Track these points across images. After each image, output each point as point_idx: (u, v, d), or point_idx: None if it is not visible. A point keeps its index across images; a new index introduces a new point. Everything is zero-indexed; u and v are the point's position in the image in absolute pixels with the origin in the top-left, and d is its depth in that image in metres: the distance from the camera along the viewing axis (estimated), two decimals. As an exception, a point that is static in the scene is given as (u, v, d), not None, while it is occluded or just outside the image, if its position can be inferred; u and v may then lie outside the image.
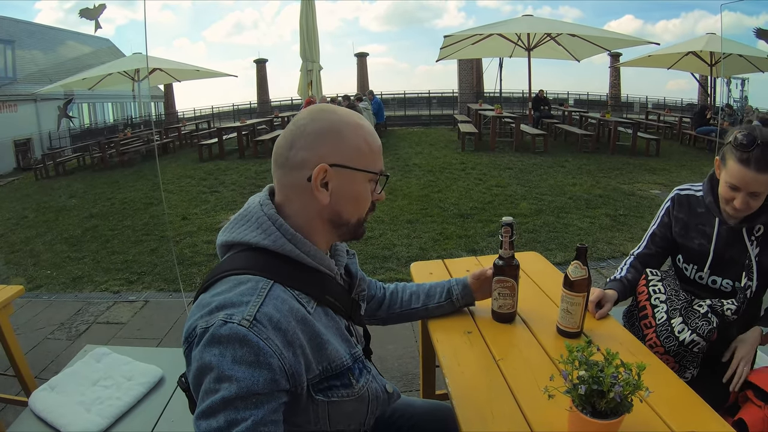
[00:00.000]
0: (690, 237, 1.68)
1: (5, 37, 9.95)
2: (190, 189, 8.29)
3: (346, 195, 1.00)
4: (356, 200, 1.02)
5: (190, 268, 4.75)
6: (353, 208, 1.02)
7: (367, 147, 1.01)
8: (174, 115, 16.20)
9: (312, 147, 0.97)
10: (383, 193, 1.08)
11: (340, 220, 1.01)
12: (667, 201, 1.77)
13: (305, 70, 11.27)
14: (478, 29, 12.53)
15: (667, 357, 1.53)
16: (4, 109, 9.67)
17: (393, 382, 2.59)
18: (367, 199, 1.04)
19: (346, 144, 0.99)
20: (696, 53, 11.50)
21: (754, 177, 1.42)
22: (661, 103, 17.46)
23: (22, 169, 10.16)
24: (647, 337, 1.59)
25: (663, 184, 7.53)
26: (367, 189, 1.03)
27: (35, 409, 1.72)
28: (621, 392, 0.95)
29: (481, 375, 1.28)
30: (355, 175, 1.00)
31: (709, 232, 1.62)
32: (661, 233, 1.78)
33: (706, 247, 1.63)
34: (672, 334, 1.53)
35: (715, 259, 1.61)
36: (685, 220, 1.69)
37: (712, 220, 1.62)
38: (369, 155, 1.02)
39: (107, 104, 12.81)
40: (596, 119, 12.24)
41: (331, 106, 1.04)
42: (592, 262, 4.41)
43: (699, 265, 1.66)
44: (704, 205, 1.64)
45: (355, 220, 1.04)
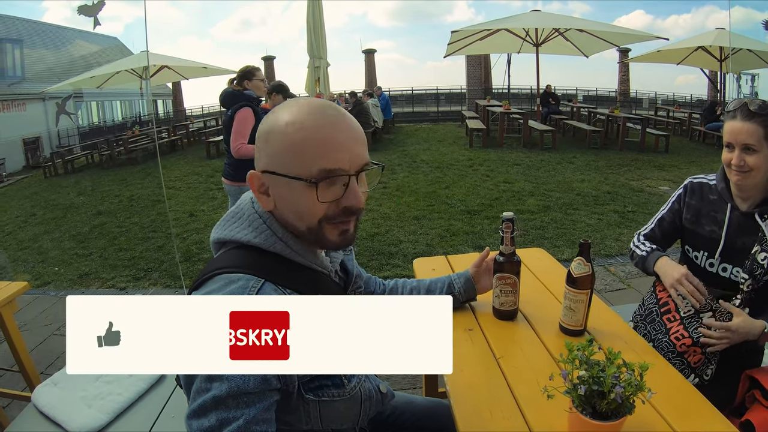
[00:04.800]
0: (701, 223, 1.67)
1: (13, 36, 9.99)
2: (197, 186, 8.31)
3: (285, 202, 0.94)
4: (295, 208, 0.93)
5: (196, 264, 4.77)
6: (295, 216, 0.94)
7: (295, 148, 0.90)
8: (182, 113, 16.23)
9: (257, 152, 0.96)
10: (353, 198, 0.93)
11: (291, 228, 0.96)
12: (680, 188, 1.77)
13: (312, 66, 11.25)
14: (485, 24, 12.46)
15: (695, 348, 1.52)
16: (13, 107, 9.72)
17: (396, 379, 2.61)
18: (310, 207, 0.92)
19: (272, 147, 0.92)
20: (705, 48, 11.37)
21: (740, 126, 1.49)
22: (671, 99, 17.23)
23: (31, 167, 10.20)
24: (672, 331, 1.58)
25: (672, 181, 7.46)
26: (304, 195, 0.91)
27: (38, 404, 1.74)
28: (622, 393, 0.93)
29: (480, 373, 1.27)
30: (285, 181, 0.91)
31: (721, 218, 1.61)
32: (669, 218, 1.78)
33: (717, 233, 1.62)
34: (702, 326, 1.52)
35: (726, 246, 1.59)
36: (697, 207, 1.69)
37: (724, 207, 1.61)
38: (295, 157, 0.90)
39: (115, 102, 12.84)
40: (605, 115, 12.12)
41: (284, 104, 0.96)
42: (600, 259, 4.39)
43: (709, 252, 1.64)
44: (716, 192, 1.65)
45: (305, 229, 0.94)
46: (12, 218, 7.58)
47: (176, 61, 12.21)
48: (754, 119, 1.47)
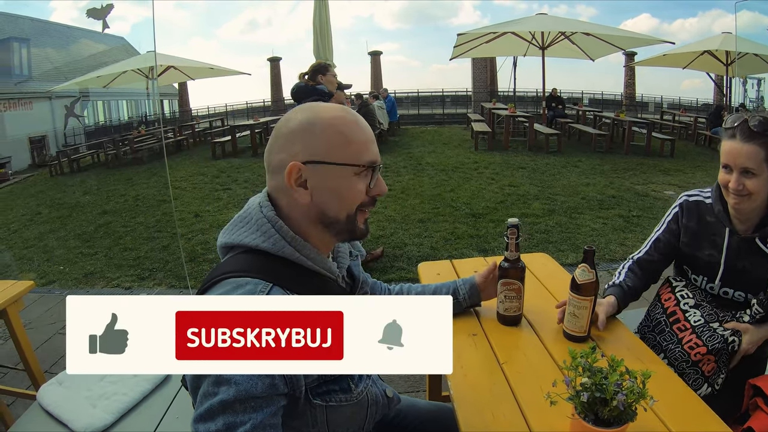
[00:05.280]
0: (699, 247, 1.61)
1: (21, 35, 10.04)
2: (203, 186, 8.32)
3: (327, 191, 0.97)
4: (339, 195, 0.98)
5: (201, 265, 4.78)
6: (338, 204, 0.98)
7: (344, 139, 0.96)
8: (188, 113, 16.26)
9: (286, 148, 0.97)
10: (382, 186, 1.03)
11: (327, 218, 0.98)
12: (675, 207, 1.69)
13: (318, 68, 11.26)
14: (491, 27, 12.45)
15: (709, 357, 1.47)
16: (20, 106, 9.76)
17: (400, 383, 2.61)
18: (355, 193, 0.98)
19: (319, 139, 0.96)
20: (711, 52, 11.34)
21: (739, 147, 1.41)
22: (676, 103, 17.18)
23: (37, 166, 10.24)
24: (684, 340, 1.52)
25: (677, 185, 7.44)
26: (352, 183, 0.98)
27: (43, 403, 1.74)
28: (624, 400, 0.93)
29: (484, 378, 1.27)
30: (334, 169, 0.96)
31: (719, 242, 1.56)
32: (665, 240, 1.70)
33: (716, 258, 1.56)
34: (715, 333, 1.49)
35: (726, 271, 1.55)
36: (694, 230, 1.62)
37: (722, 230, 1.55)
38: (348, 147, 0.96)
39: (122, 102, 12.88)
40: (610, 119, 12.11)
41: (309, 104, 1.00)
42: (604, 264, 4.37)
43: (709, 277, 1.60)
44: (714, 214, 1.57)
45: (344, 217, 0.99)
46: (18, 216, 7.61)
47: (182, 61, 12.25)
48: (755, 140, 1.39)
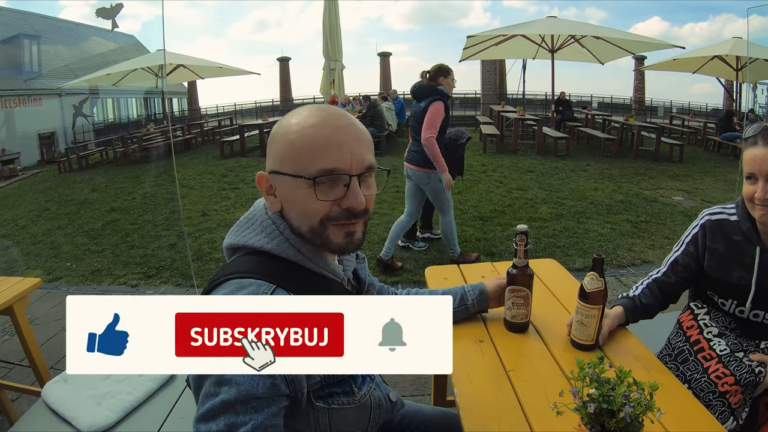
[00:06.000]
0: (727, 270, 1.50)
1: (31, 32, 10.11)
2: (211, 185, 8.36)
3: (288, 202, 0.97)
4: (297, 207, 0.96)
5: (208, 264, 4.79)
6: (297, 216, 0.97)
7: (291, 148, 0.94)
8: (197, 112, 16.32)
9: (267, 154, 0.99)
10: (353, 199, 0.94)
11: (294, 229, 0.98)
12: (696, 227, 1.59)
13: (327, 69, 11.31)
14: (501, 30, 12.42)
15: (737, 387, 1.38)
16: (30, 102, 9.82)
17: (405, 386, 2.60)
18: (311, 206, 0.94)
19: (276, 148, 0.97)
20: (722, 57, 11.26)
21: (764, 153, 1.33)
22: (686, 108, 17.07)
23: (45, 162, 10.30)
24: (710, 369, 1.43)
25: (686, 191, 7.40)
26: (305, 195, 0.93)
27: (48, 400, 1.75)
28: (632, 412, 0.92)
29: (490, 385, 1.26)
30: (288, 180, 0.95)
31: (749, 263, 1.46)
32: (684, 262, 1.60)
33: (746, 279, 1.46)
34: (742, 363, 1.40)
35: (757, 293, 1.45)
36: (721, 252, 1.51)
37: (752, 249, 1.45)
38: (297, 157, 0.93)
39: (131, 100, 12.94)
40: (619, 123, 12.06)
41: (294, 111, 0.99)
42: (611, 269, 4.35)
43: (739, 300, 1.50)
44: (741, 233, 1.47)
45: (307, 229, 0.96)
46: (26, 212, 7.65)
47: (192, 60, 12.29)
48: None
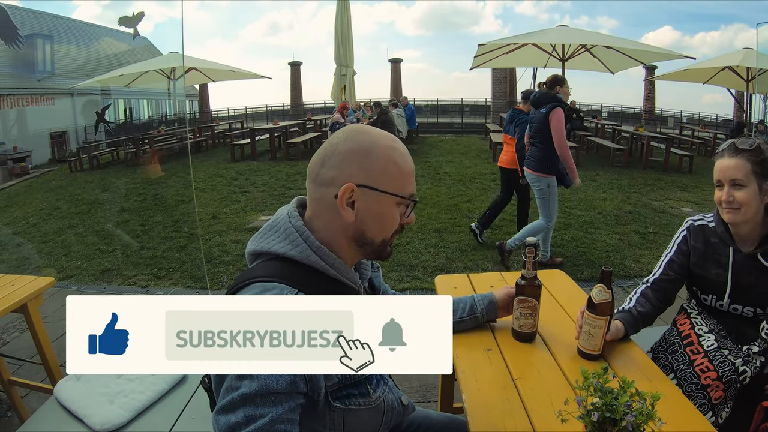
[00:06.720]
0: (707, 267, 1.67)
1: (44, 32, 10.22)
2: (221, 188, 8.40)
3: (371, 215, 1.02)
4: (381, 221, 1.04)
5: (217, 266, 4.82)
6: (377, 228, 1.04)
7: (397, 170, 1.03)
8: (208, 114, 16.42)
9: (341, 166, 1.00)
10: (413, 216, 1.10)
11: (363, 239, 1.04)
12: (683, 230, 1.77)
13: (339, 74, 11.36)
14: (512, 38, 12.40)
15: (718, 383, 1.52)
16: (42, 101, 9.93)
17: (412, 392, 2.63)
18: (394, 222, 1.06)
19: (375, 165, 1.01)
20: (732, 68, 11.20)
21: (727, 162, 1.54)
22: (696, 118, 17.00)
23: (57, 161, 10.39)
24: (696, 362, 1.58)
25: (695, 202, 7.37)
26: (393, 211, 1.05)
27: (60, 397, 1.76)
28: (633, 421, 0.95)
29: (497, 393, 1.29)
30: (382, 197, 1.02)
31: (725, 261, 1.62)
32: (679, 260, 1.75)
33: (723, 276, 1.63)
34: (727, 359, 1.54)
35: (733, 288, 1.61)
36: (701, 251, 1.69)
37: (726, 250, 1.62)
38: (398, 178, 1.03)
39: (143, 101, 13.04)
40: (629, 133, 12.04)
41: (366, 127, 1.06)
42: (619, 280, 4.34)
43: (718, 295, 1.66)
44: (717, 235, 1.65)
45: (380, 241, 1.06)
46: (36, 210, 7.72)
47: (204, 63, 12.36)
48: (741, 155, 1.52)
